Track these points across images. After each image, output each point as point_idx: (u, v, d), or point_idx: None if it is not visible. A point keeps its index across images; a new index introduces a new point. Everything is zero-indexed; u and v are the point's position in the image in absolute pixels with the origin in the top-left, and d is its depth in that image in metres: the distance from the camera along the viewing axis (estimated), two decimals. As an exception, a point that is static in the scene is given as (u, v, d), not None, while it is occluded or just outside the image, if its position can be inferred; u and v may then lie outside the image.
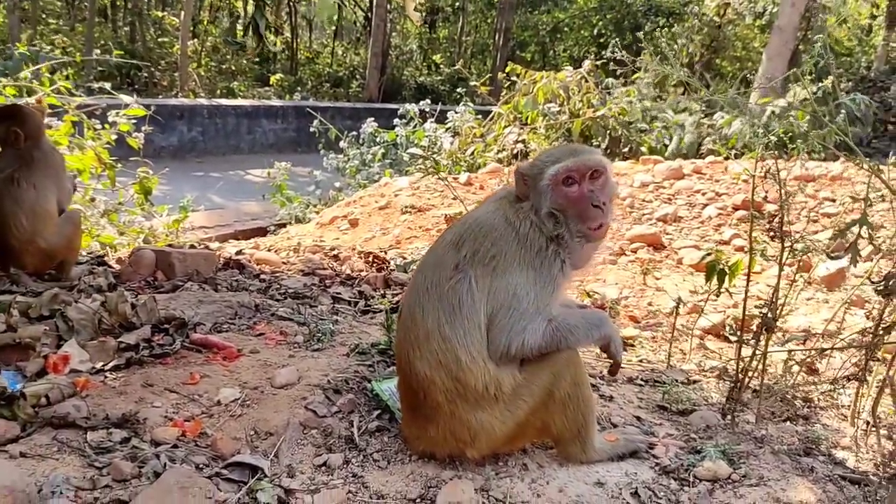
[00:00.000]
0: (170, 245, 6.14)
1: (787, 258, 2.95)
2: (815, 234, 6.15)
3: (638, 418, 3.26)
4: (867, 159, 2.43)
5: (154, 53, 25.47)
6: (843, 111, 9.56)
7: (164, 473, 2.34)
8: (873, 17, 28.14)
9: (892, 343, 2.79)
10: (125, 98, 7.55)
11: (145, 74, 23.51)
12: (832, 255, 2.83)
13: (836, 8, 24.63)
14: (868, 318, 3.16)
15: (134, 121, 7.32)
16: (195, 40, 27.32)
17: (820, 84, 10.60)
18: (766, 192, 2.92)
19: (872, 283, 2.59)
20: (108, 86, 7.91)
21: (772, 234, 2.92)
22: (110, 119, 7.24)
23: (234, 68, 28.04)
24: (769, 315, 2.92)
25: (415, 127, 12.44)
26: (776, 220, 2.85)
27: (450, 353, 2.47)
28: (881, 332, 2.60)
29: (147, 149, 7.60)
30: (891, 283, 2.45)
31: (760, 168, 2.97)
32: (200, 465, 2.49)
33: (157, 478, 2.33)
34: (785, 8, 14.39)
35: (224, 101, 21.10)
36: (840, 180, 7.85)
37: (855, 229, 2.28)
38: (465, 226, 2.64)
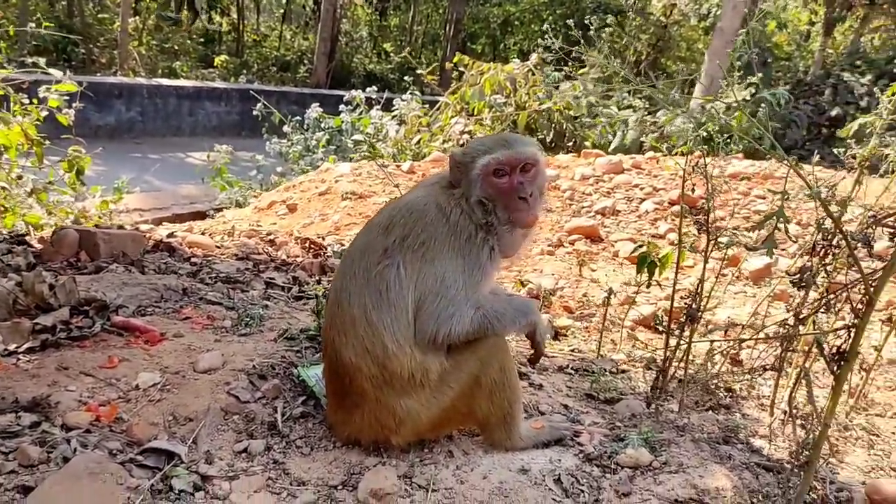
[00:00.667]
0: (97, 226, 5.92)
1: (711, 251, 3.01)
2: (747, 230, 6.32)
3: (566, 406, 3.29)
4: (787, 156, 2.49)
5: (93, 29, 24.48)
6: (763, 106, 9.87)
7: (73, 458, 2.27)
8: (812, 23, 29.12)
9: (809, 334, 2.88)
10: (55, 73, 7.22)
11: (83, 51, 22.61)
12: (750, 247, 2.91)
13: (777, 13, 25.39)
14: (789, 311, 3.26)
15: (66, 97, 7.02)
16: (136, 17, 26.37)
17: (748, 80, 10.91)
18: (694, 185, 2.98)
19: (789, 275, 2.68)
20: (42, 61, 7.56)
21: (698, 227, 2.98)
22: (41, 94, 6.92)
23: (176, 48, 27.18)
24: (693, 306, 2.98)
25: (361, 114, 12.31)
26: (701, 214, 2.91)
27: (376, 339, 2.44)
28: (797, 324, 2.69)
29: (83, 128, 7.31)
30: (805, 276, 2.54)
31: (690, 163, 3.03)
32: (114, 451, 2.41)
33: (67, 463, 2.24)
34: (727, 10, 14.74)
35: (165, 81, 20.48)
36: (772, 178, 8.11)
37: (773, 221, 2.35)
38: (396, 210, 2.60)
